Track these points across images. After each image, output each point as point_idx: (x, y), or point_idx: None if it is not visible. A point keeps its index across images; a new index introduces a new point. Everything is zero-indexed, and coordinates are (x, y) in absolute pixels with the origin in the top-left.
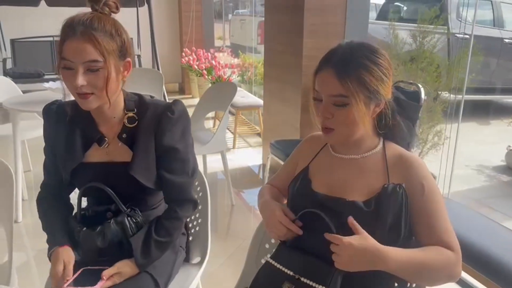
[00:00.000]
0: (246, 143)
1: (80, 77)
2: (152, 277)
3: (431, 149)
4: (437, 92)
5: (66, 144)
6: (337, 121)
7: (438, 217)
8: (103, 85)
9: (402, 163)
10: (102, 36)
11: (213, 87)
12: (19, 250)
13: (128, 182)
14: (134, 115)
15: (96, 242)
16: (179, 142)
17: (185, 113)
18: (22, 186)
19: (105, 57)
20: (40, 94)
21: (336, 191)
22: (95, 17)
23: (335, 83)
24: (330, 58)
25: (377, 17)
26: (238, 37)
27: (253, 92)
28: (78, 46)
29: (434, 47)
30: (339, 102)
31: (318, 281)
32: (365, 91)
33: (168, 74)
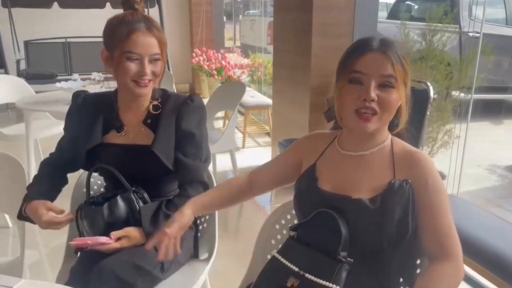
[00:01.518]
0: (256, 142)
1: (147, 67)
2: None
3: (441, 148)
4: (448, 90)
5: (87, 127)
6: (380, 105)
7: (441, 217)
8: (160, 73)
9: (409, 158)
10: (159, 31)
11: (222, 86)
12: (31, 247)
13: (148, 163)
14: (158, 104)
15: (104, 216)
16: (195, 129)
17: (203, 105)
18: None
19: (162, 50)
20: (53, 94)
21: (342, 189)
22: (145, 15)
23: (386, 64)
24: (370, 42)
25: (388, 16)
26: (248, 37)
27: (263, 92)
28: (144, 40)
29: (444, 46)
30: (388, 82)
31: (323, 277)
32: (405, 78)
33: (179, 74)
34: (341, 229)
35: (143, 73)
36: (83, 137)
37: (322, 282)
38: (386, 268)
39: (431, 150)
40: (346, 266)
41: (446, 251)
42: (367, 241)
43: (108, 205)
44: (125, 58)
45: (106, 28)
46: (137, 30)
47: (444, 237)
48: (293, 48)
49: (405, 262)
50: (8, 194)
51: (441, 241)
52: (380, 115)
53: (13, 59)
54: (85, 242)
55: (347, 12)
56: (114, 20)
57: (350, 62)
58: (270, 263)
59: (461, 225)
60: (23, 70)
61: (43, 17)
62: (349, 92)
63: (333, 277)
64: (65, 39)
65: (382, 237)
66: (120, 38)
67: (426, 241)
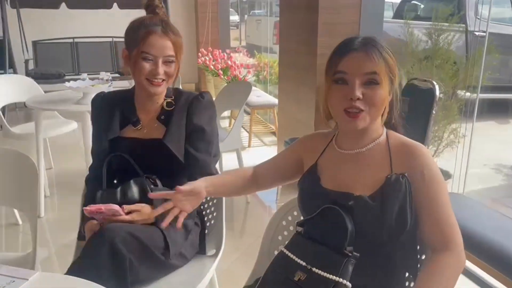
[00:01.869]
0: (261, 142)
1: (160, 68)
2: (164, 239)
3: (447, 147)
4: (454, 89)
5: (107, 121)
6: (367, 102)
7: (438, 207)
8: (173, 74)
9: (405, 151)
10: (174, 34)
11: (228, 86)
12: (42, 245)
13: (159, 155)
14: (172, 101)
15: (117, 198)
16: (207, 125)
17: (213, 102)
18: (44, 183)
19: (177, 52)
20: (61, 93)
21: (344, 187)
22: (163, 19)
23: (368, 61)
24: (352, 43)
25: (394, 15)
26: (254, 37)
27: (269, 91)
28: (160, 43)
29: (449, 45)
30: (372, 80)
31: (329, 271)
32: (389, 74)
33: (185, 74)
34: (347, 224)
35: (156, 72)
36: (104, 129)
37: (329, 276)
38: (390, 262)
39: (437, 149)
40: (353, 261)
41: (447, 240)
42: (370, 236)
43: (122, 188)
44: (141, 58)
45: (128, 30)
46: (154, 33)
47: (444, 227)
48: (299, 47)
49: (408, 256)
50: (19, 190)
51: (441, 231)
52: (367, 111)
53: (21, 59)
54: (99, 208)
55: (353, 12)
56: (135, 23)
57: (334, 63)
58: (277, 257)
59: (469, 223)
60: (32, 70)
61: (51, 18)
62: (336, 93)
63: (340, 271)
64: (72, 39)
65: (382, 230)
66: (138, 40)
67: (426, 231)
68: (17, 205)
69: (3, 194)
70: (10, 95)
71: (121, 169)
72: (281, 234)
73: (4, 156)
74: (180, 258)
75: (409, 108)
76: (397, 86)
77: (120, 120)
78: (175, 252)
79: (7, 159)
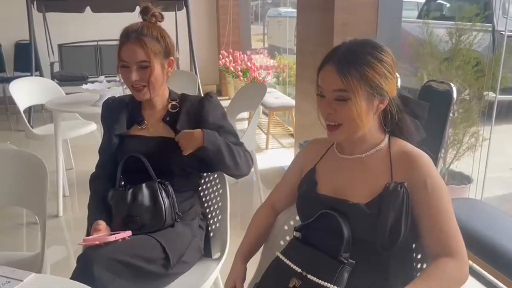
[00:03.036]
0: (279, 143)
1: (133, 73)
2: (164, 251)
3: (467, 150)
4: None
5: (114, 121)
6: (340, 117)
7: (441, 217)
8: (150, 79)
9: (407, 159)
10: (149, 40)
11: (244, 87)
12: (60, 243)
13: (162, 152)
14: (176, 103)
15: (127, 200)
16: (222, 121)
17: (220, 102)
18: (64, 183)
19: (151, 57)
20: (81, 95)
21: (341, 193)
22: (145, 25)
23: (336, 78)
24: (333, 55)
25: (418, 15)
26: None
27: (287, 93)
28: (131, 49)
29: (471, 45)
30: (340, 97)
31: (324, 278)
32: (367, 87)
33: (206, 76)
34: (343, 230)
35: (129, 78)
36: (112, 129)
37: (323, 283)
38: (385, 271)
39: (456, 153)
40: (348, 268)
41: (449, 250)
42: (365, 244)
43: (133, 190)
44: (120, 66)
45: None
46: (127, 40)
47: (446, 237)
48: (316, 48)
49: (403, 266)
50: (29, 191)
51: (443, 241)
52: (344, 126)
53: (47, 62)
54: (94, 243)
55: (370, 11)
56: (122, 31)
57: (317, 74)
58: (273, 263)
59: (483, 230)
60: (56, 73)
61: (76, 21)
62: (319, 106)
63: (335, 279)
64: (96, 42)
65: (376, 239)
66: (118, 49)
67: (428, 242)
68: (28, 205)
69: (15, 194)
70: (34, 97)
71: (131, 169)
72: (283, 239)
73: (15, 156)
74: (183, 265)
75: None
76: (392, 93)
77: (127, 121)
78: (177, 261)
79: (18, 160)
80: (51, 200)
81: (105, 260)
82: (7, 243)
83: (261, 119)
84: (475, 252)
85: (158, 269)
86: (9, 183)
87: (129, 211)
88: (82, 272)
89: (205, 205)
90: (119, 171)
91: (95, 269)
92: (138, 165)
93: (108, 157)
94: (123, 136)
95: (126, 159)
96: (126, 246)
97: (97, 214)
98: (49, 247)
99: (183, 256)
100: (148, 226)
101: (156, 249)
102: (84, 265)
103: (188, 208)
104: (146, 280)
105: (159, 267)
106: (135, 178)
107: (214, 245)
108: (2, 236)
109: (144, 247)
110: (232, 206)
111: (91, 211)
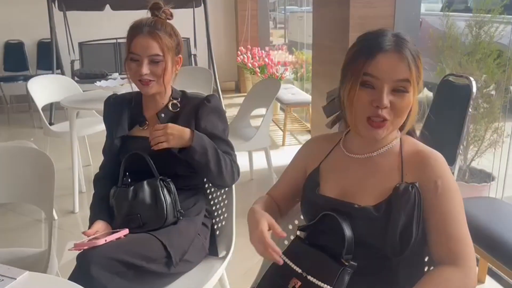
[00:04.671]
0: (296, 140)
1: (144, 67)
2: (165, 249)
3: (489, 147)
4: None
5: (116, 121)
6: (393, 111)
7: (450, 221)
8: (161, 74)
9: (418, 158)
10: (163, 35)
11: (258, 84)
12: (75, 239)
13: (163, 154)
14: (177, 103)
15: (128, 197)
16: (215, 128)
17: (219, 104)
18: (80, 179)
19: (165, 52)
20: (96, 92)
21: (346, 195)
22: (158, 20)
23: (401, 67)
24: (383, 41)
25: (442, 8)
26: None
27: (305, 89)
28: (144, 42)
29: (492, 38)
30: (402, 87)
31: (325, 280)
32: (419, 80)
33: (225, 72)
34: (344, 231)
35: (140, 71)
36: (115, 128)
37: (323, 285)
38: (393, 276)
39: (478, 149)
40: (349, 270)
41: (456, 256)
42: (372, 249)
43: (134, 187)
44: (129, 59)
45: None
46: (139, 33)
47: (455, 242)
48: (331, 43)
49: (413, 272)
50: (38, 188)
51: (450, 246)
52: (392, 121)
53: (68, 60)
54: (82, 248)
55: (387, 4)
56: (132, 24)
57: (361, 63)
58: (274, 263)
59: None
60: (77, 70)
61: (96, 19)
62: (361, 97)
63: (335, 281)
64: (116, 40)
65: (385, 244)
66: (127, 42)
67: (434, 246)
68: (37, 202)
69: (25, 191)
70: (52, 95)
71: (134, 168)
72: (287, 239)
73: (24, 153)
74: (185, 264)
75: (444, 106)
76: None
77: (129, 120)
78: (179, 259)
79: (28, 157)
80: (67, 197)
81: (104, 259)
82: (24, 239)
83: (278, 115)
84: (494, 255)
85: (160, 268)
86: (19, 180)
87: (130, 209)
88: (80, 271)
89: (211, 203)
90: (121, 169)
91: (92, 268)
92: (141, 164)
93: (111, 157)
94: (125, 137)
95: (129, 157)
96: (126, 245)
97: (99, 214)
98: (65, 243)
99: (186, 255)
100: (150, 224)
101: (158, 247)
102: (82, 264)
103: (192, 205)
104: (147, 280)
105: (160, 266)
106: (138, 177)
107: (220, 243)
108: (20, 232)
109: (144, 246)
110: (246, 203)
111: (93, 211)
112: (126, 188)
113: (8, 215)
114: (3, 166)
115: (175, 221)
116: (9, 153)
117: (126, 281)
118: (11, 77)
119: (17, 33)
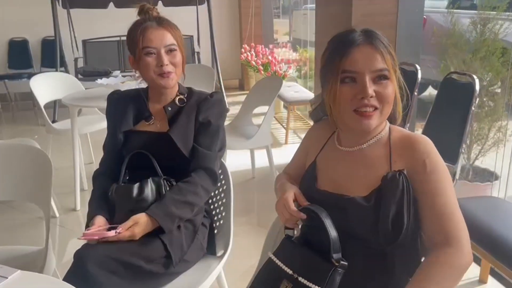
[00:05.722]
0: (299, 138)
1: (165, 57)
2: (165, 249)
3: (493, 146)
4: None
5: (121, 116)
6: (380, 99)
7: (441, 197)
8: (179, 63)
9: (406, 144)
10: (172, 25)
11: (259, 82)
12: (76, 237)
13: (168, 148)
14: (184, 98)
15: (133, 194)
16: (212, 120)
17: (223, 101)
18: (82, 177)
19: (178, 41)
20: (98, 90)
21: (340, 187)
22: (157, 16)
23: (376, 57)
24: (353, 37)
25: (447, 5)
26: (299, 31)
27: (308, 87)
28: (158, 33)
29: (496, 35)
30: (383, 76)
31: (315, 281)
32: (396, 67)
33: (228, 70)
34: (329, 232)
35: (161, 63)
36: (119, 124)
37: (314, 287)
38: (389, 266)
39: (482, 148)
40: (340, 270)
41: (449, 236)
42: (365, 239)
43: (139, 184)
44: (144, 55)
45: (127, 37)
46: (149, 27)
47: (446, 220)
48: None
49: (409, 260)
50: (36, 186)
51: (442, 224)
52: (381, 109)
53: (72, 58)
54: (92, 238)
55: (390, 1)
56: (131, 28)
57: (337, 62)
58: (266, 264)
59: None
60: (80, 68)
61: (100, 17)
62: (343, 93)
63: (326, 282)
64: (119, 38)
65: (378, 233)
66: (136, 39)
67: (427, 227)
68: (35, 200)
69: (23, 189)
70: (53, 92)
71: (137, 166)
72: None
73: (22, 151)
74: (184, 264)
75: (447, 104)
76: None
77: (134, 116)
78: (179, 259)
79: (27, 155)
80: (69, 194)
81: (101, 258)
82: (25, 236)
83: (281, 113)
84: (496, 255)
85: (158, 268)
86: (17, 178)
87: (134, 206)
88: (77, 269)
89: (209, 201)
90: (123, 167)
91: (89, 266)
92: (143, 161)
93: (112, 153)
94: (129, 132)
95: (133, 155)
96: (125, 244)
97: (98, 210)
98: (66, 241)
99: (185, 255)
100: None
101: (158, 247)
102: (79, 262)
103: None
104: (145, 279)
105: (159, 266)
106: (139, 174)
107: (218, 242)
108: (22, 229)
109: (144, 246)
110: (248, 202)
111: (92, 207)
112: (128, 185)
113: (10, 213)
114: (1, 164)
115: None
116: (7, 150)
117: (123, 280)
118: (15, 75)
119: (21, 30)
